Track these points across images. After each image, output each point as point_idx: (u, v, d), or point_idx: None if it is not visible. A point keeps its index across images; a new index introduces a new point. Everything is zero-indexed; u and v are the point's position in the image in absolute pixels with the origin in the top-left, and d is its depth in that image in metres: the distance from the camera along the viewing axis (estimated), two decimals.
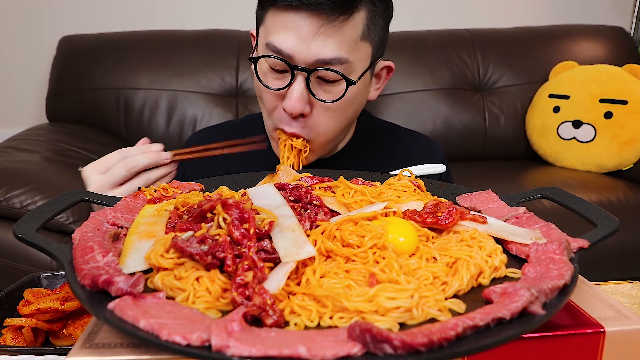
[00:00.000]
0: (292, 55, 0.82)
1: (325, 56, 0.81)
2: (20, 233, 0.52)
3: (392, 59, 1.01)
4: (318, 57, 0.82)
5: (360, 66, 0.86)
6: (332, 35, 0.81)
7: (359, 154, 1.05)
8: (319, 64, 0.82)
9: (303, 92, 0.84)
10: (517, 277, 0.51)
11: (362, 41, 0.85)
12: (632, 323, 0.47)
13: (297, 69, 0.83)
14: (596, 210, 0.59)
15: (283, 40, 0.82)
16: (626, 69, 2.05)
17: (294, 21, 0.81)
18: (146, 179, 0.81)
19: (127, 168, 0.80)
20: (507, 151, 2.25)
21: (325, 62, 0.82)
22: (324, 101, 0.85)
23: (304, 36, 0.81)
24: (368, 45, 0.87)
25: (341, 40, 0.82)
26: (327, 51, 0.81)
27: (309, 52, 0.81)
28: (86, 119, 2.13)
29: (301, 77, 0.84)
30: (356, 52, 0.84)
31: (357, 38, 0.83)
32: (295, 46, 0.81)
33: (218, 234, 0.50)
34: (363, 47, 0.86)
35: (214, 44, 2.17)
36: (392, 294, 0.45)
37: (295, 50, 0.81)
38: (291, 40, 0.81)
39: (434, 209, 0.60)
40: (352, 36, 0.83)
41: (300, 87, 0.83)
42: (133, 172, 0.80)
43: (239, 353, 0.38)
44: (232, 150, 0.87)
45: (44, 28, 2.34)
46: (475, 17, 2.50)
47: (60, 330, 0.68)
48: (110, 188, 0.80)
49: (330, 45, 0.81)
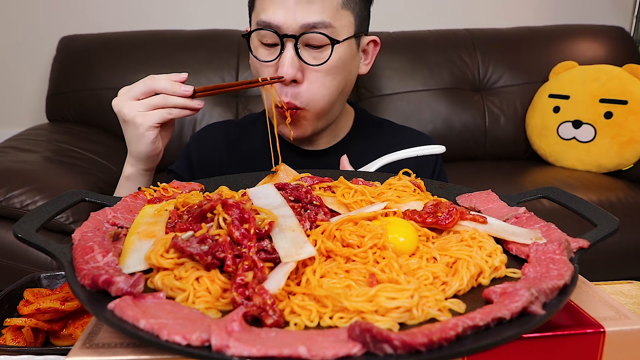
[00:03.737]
0: (280, 26, 0.90)
1: (309, 21, 0.90)
2: (20, 233, 0.52)
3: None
4: (303, 23, 0.90)
5: (345, 32, 0.94)
6: (314, 3, 0.90)
7: (359, 144, 1.10)
8: (304, 29, 0.90)
9: (293, 58, 0.91)
10: (517, 277, 0.51)
11: (343, 9, 0.94)
12: (632, 323, 0.47)
13: (285, 37, 0.91)
14: (596, 210, 0.59)
15: (271, 14, 0.91)
16: (626, 69, 2.05)
17: None
18: (164, 99, 0.84)
19: (147, 83, 0.84)
20: (507, 151, 2.25)
21: (310, 27, 0.90)
22: (314, 65, 0.92)
23: (289, 7, 0.90)
24: (349, 14, 0.95)
25: (322, 6, 0.91)
26: (310, 16, 0.90)
27: (294, 21, 0.90)
28: (86, 119, 2.13)
29: (290, 44, 0.91)
30: (338, 19, 0.93)
31: (337, 5, 0.93)
32: (282, 17, 0.90)
33: (218, 234, 0.50)
34: (345, 15, 0.94)
35: (214, 44, 2.17)
36: (392, 294, 0.45)
37: (282, 21, 0.90)
38: (278, 13, 0.90)
39: (434, 209, 0.60)
40: (333, 4, 0.92)
41: (291, 54, 0.91)
42: (152, 89, 0.84)
43: (239, 353, 0.38)
44: (248, 86, 0.91)
45: (44, 28, 2.34)
46: (475, 17, 2.50)
47: (60, 330, 0.68)
48: (129, 100, 0.85)
49: (312, 10, 0.90)
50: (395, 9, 2.45)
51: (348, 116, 1.11)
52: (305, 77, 0.93)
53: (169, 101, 0.84)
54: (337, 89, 0.97)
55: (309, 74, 0.93)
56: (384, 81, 2.16)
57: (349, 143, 1.09)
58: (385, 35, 2.22)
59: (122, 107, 0.85)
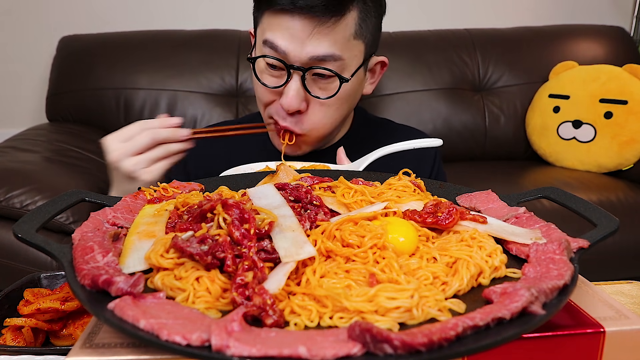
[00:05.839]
0: (287, 54, 0.86)
1: (318, 54, 0.85)
2: (20, 233, 0.52)
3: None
4: (312, 55, 0.85)
5: (354, 63, 0.90)
6: (325, 35, 0.84)
7: (355, 146, 1.07)
8: (313, 62, 0.86)
9: (299, 90, 0.87)
10: (517, 277, 0.51)
11: (354, 39, 0.88)
12: (632, 323, 0.47)
13: (293, 68, 0.86)
14: (596, 210, 0.59)
15: (279, 39, 0.85)
16: (626, 69, 2.05)
17: (288, 22, 0.85)
18: (166, 150, 0.83)
19: (152, 137, 0.82)
20: (507, 151, 2.25)
21: (319, 60, 0.85)
22: (320, 97, 0.88)
23: (298, 37, 0.85)
24: (360, 43, 0.90)
25: (334, 39, 0.85)
26: (320, 50, 0.85)
27: (303, 51, 0.85)
28: (86, 119, 2.13)
29: (297, 76, 0.87)
30: (349, 50, 0.88)
31: (349, 37, 0.87)
32: (290, 46, 0.85)
33: (218, 234, 0.50)
34: (356, 45, 0.89)
35: (214, 44, 2.17)
36: (392, 294, 0.45)
37: (290, 49, 0.85)
38: (286, 40, 0.85)
39: (434, 209, 0.60)
40: (345, 35, 0.86)
41: (297, 85, 0.87)
42: (156, 142, 0.82)
43: (239, 353, 0.38)
44: (245, 132, 0.91)
45: (44, 28, 2.34)
46: (475, 17, 2.50)
47: (60, 330, 0.68)
48: (130, 155, 0.82)
49: (323, 44, 0.85)
50: (395, 9, 2.43)
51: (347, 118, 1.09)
52: (310, 107, 0.90)
53: (170, 150, 0.82)
54: (340, 116, 0.94)
55: (313, 105, 0.90)
56: (384, 81, 2.16)
57: (347, 142, 1.07)
58: (385, 35, 2.22)
59: (122, 162, 0.82)
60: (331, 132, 0.97)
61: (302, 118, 0.91)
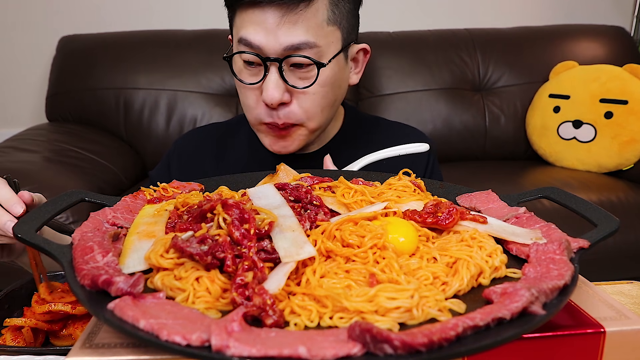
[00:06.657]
0: (262, 47, 0.86)
1: (292, 42, 0.85)
2: (20, 233, 0.52)
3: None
4: (286, 45, 0.85)
5: (331, 50, 0.89)
6: (295, 23, 0.85)
7: (347, 145, 1.07)
8: (288, 51, 0.86)
9: (278, 82, 0.87)
10: (517, 277, 0.51)
11: (328, 26, 0.88)
12: (632, 323, 0.46)
13: (269, 60, 0.86)
14: (596, 210, 0.59)
15: (252, 34, 0.86)
16: (626, 69, 2.05)
17: (259, 16, 0.85)
18: None
19: None
20: (507, 151, 2.25)
21: (294, 49, 0.86)
22: (298, 87, 0.88)
23: (270, 28, 0.85)
24: (336, 29, 0.90)
25: (306, 26, 0.85)
26: (293, 38, 0.85)
27: (277, 42, 0.85)
28: (86, 119, 2.13)
29: (274, 68, 0.87)
30: (324, 37, 0.88)
31: (322, 23, 0.87)
32: (264, 39, 0.85)
33: (218, 234, 0.50)
34: (331, 32, 0.89)
35: (214, 44, 2.17)
36: (392, 294, 0.45)
37: (264, 42, 0.85)
38: (259, 34, 0.86)
39: (434, 209, 0.60)
40: (317, 21, 0.86)
41: (275, 77, 0.87)
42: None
43: (239, 353, 0.38)
44: None
45: (44, 28, 2.34)
46: (475, 17, 2.50)
47: (60, 330, 0.68)
48: None
49: (295, 32, 0.85)
50: (396, 9, 2.45)
51: (337, 117, 1.08)
52: (294, 97, 0.90)
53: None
54: (328, 104, 0.94)
55: (297, 95, 0.90)
56: (384, 81, 2.16)
57: (338, 143, 1.06)
58: (385, 35, 2.22)
59: None
60: (323, 123, 0.96)
61: (290, 109, 0.90)
